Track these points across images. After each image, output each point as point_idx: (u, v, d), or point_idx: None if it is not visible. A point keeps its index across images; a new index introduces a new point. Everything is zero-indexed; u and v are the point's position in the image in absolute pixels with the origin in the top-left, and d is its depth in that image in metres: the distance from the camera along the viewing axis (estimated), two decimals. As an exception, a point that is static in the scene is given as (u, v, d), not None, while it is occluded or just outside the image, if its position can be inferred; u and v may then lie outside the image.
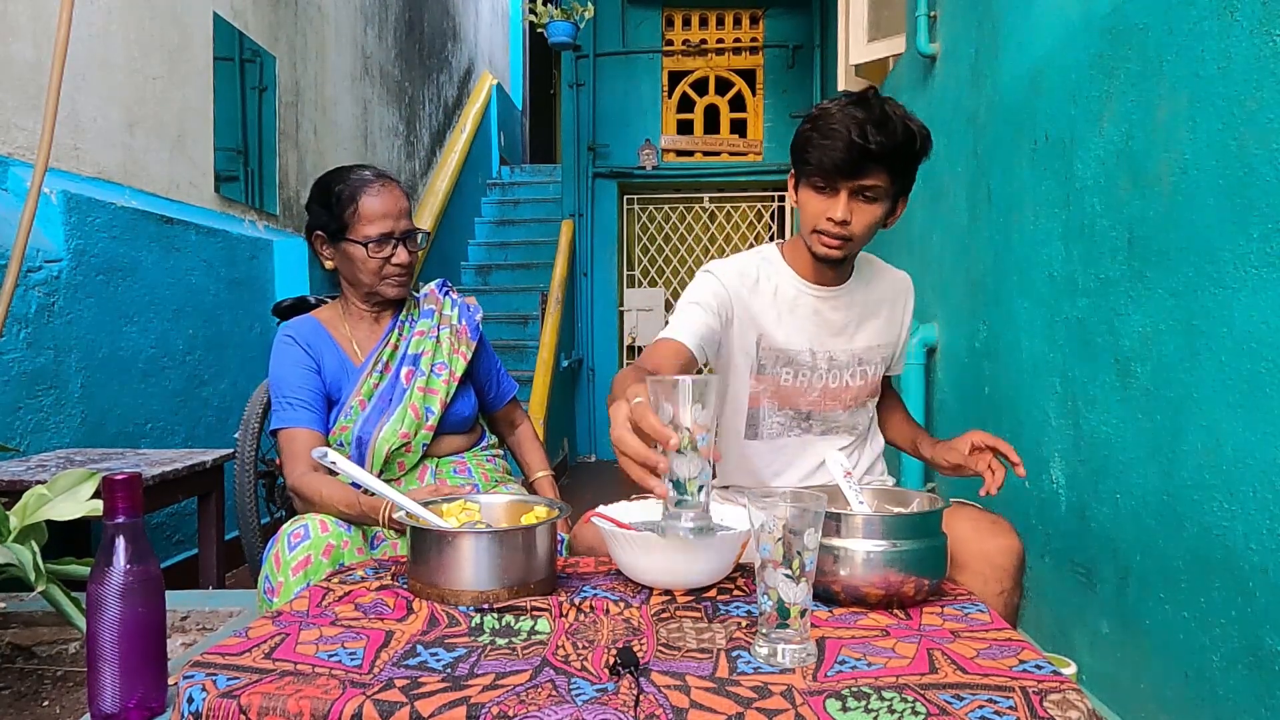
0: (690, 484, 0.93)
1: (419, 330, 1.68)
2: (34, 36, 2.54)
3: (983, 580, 1.29)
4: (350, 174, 1.63)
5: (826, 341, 1.55)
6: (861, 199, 1.40)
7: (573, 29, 5.73)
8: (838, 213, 1.40)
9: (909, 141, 1.37)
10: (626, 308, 6.45)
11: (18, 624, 1.56)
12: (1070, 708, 0.79)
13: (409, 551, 1.15)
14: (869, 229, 1.44)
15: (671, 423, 0.94)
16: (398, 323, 1.69)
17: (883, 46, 3.76)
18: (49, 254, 2.50)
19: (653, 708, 0.79)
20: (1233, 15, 1.44)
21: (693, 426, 0.92)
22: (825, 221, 1.42)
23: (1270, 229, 1.34)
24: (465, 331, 1.74)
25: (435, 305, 1.74)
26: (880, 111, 1.35)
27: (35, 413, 2.45)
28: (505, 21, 9.73)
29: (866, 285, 1.59)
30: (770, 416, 1.56)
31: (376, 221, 1.58)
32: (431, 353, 1.67)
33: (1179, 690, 1.61)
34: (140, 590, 0.96)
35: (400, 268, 1.62)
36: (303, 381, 1.59)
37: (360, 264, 1.60)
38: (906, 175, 1.43)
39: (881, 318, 1.60)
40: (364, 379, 1.62)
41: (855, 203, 1.40)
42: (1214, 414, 1.50)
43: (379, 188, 1.60)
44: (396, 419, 1.58)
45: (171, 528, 2.97)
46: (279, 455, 1.60)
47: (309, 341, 1.63)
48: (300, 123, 4.27)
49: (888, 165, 1.37)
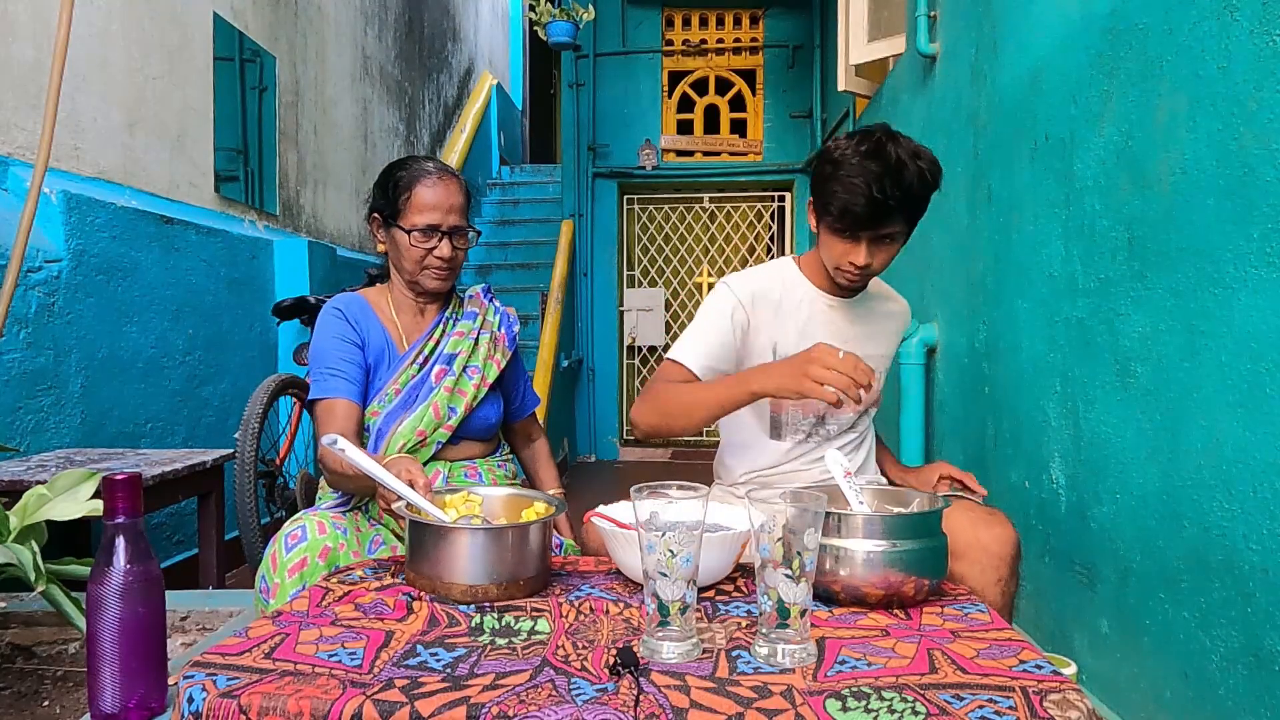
0: (673, 606, 0.92)
1: (459, 330, 1.71)
2: (34, 36, 2.54)
3: (980, 569, 1.33)
4: (414, 163, 1.67)
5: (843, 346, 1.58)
6: (881, 244, 1.49)
7: (573, 29, 5.72)
8: (860, 259, 1.48)
9: (923, 190, 1.44)
10: (626, 308, 6.45)
11: (18, 624, 1.56)
12: (1070, 708, 0.79)
13: (407, 541, 1.18)
14: (886, 265, 1.54)
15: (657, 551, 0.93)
16: (443, 319, 1.71)
17: (883, 46, 3.76)
18: (49, 254, 2.50)
19: (653, 708, 0.79)
20: (1233, 15, 1.44)
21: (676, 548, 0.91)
22: (847, 264, 1.50)
23: (1270, 229, 1.34)
24: (503, 339, 1.76)
25: (479, 309, 1.76)
26: (896, 160, 1.40)
27: (35, 413, 2.44)
28: (505, 21, 9.73)
29: (874, 300, 1.68)
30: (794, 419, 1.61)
31: (426, 212, 1.61)
32: (467, 354, 1.68)
33: (1179, 690, 1.61)
34: (140, 590, 0.96)
35: (442, 261, 1.63)
36: (346, 354, 1.60)
37: (404, 251, 1.63)
38: (921, 210, 1.50)
39: (882, 333, 1.68)
40: (405, 368, 1.63)
41: (875, 246, 1.48)
42: (1214, 414, 1.50)
43: (435, 180, 1.63)
44: (416, 417, 1.58)
45: (171, 528, 2.97)
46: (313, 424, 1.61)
47: (356, 318, 1.64)
48: (300, 123, 4.27)
49: (905, 212, 1.45)
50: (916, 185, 1.42)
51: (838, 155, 1.46)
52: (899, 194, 1.40)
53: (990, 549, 1.34)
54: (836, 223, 1.47)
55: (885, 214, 1.43)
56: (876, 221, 1.44)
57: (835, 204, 1.45)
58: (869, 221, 1.44)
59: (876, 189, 1.40)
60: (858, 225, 1.45)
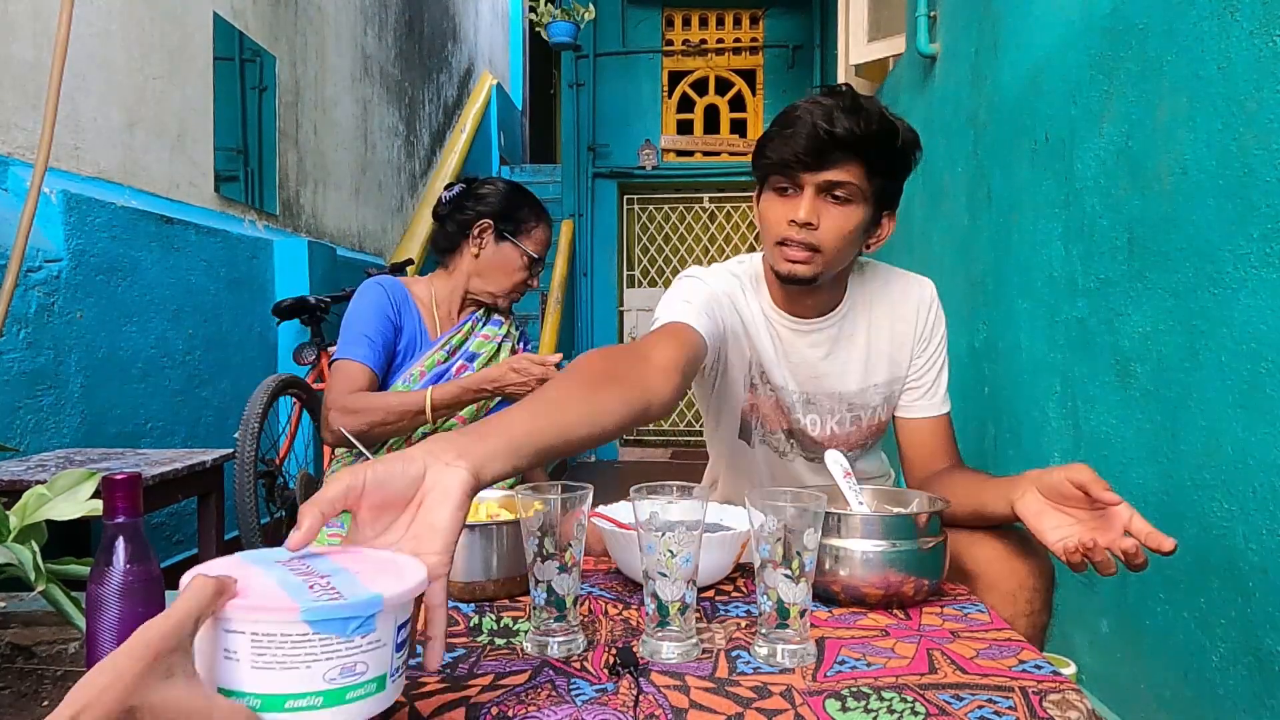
0: (673, 606, 0.92)
1: (485, 333, 1.82)
2: (34, 36, 2.54)
3: (1011, 600, 1.18)
4: (534, 198, 1.84)
5: (805, 381, 1.37)
6: (830, 199, 1.21)
7: (573, 29, 5.73)
8: (800, 212, 1.19)
9: (886, 134, 1.18)
10: (626, 308, 6.45)
11: (18, 624, 1.56)
12: (1070, 708, 0.79)
13: None
14: (841, 239, 1.22)
15: None
16: (474, 318, 1.82)
17: (883, 46, 3.76)
18: (49, 254, 2.50)
19: (652, 708, 0.79)
20: (1233, 16, 1.44)
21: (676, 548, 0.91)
22: (787, 226, 1.21)
23: (1270, 229, 1.34)
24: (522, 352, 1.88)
25: (505, 320, 1.88)
26: (852, 100, 1.17)
27: (35, 413, 2.44)
28: (505, 21, 9.73)
29: (863, 308, 1.37)
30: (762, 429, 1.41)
31: (542, 245, 1.81)
32: (489, 357, 1.80)
33: (1179, 690, 1.61)
34: (140, 590, 0.96)
35: (523, 289, 1.81)
36: (381, 327, 1.68)
37: (507, 266, 1.77)
38: (887, 177, 1.23)
39: (885, 345, 1.37)
40: (432, 353, 1.72)
41: (822, 203, 1.20)
42: (1214, 414, 1.50)
43: (548, 226, 1.84)
44: None
45: (171, 528, 2.97)
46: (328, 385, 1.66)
47: (396, 299, 1.72)
48: (300, 123, 4.27)
49: (860, 157, 1.18)
50: (877, 124, 1.16)
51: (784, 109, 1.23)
52: (849, 126, 1.15)
53: (1024, 581, 1.18)
54: (774, 169, 1.21)
55: (831, 149, 1.16)
56: (820, 159, 1.17)
57: (773, 146, 1.20)
58: (812, 158, 1.17)
59: (822, 117, 1.15)
60: (798, 164, 1.18)
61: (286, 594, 0.61)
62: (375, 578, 0.65)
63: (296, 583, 0.63)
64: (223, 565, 0.67)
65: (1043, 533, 1.07)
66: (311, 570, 0.66)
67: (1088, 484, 1.03)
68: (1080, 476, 1.04)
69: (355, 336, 1.66)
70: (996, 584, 1.18)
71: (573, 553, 0.93)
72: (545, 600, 0.93)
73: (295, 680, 0.60)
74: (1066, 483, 1.05)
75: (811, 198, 1.20)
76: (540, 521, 0.92)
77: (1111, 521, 1.03)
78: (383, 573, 0.66)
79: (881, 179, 1.22)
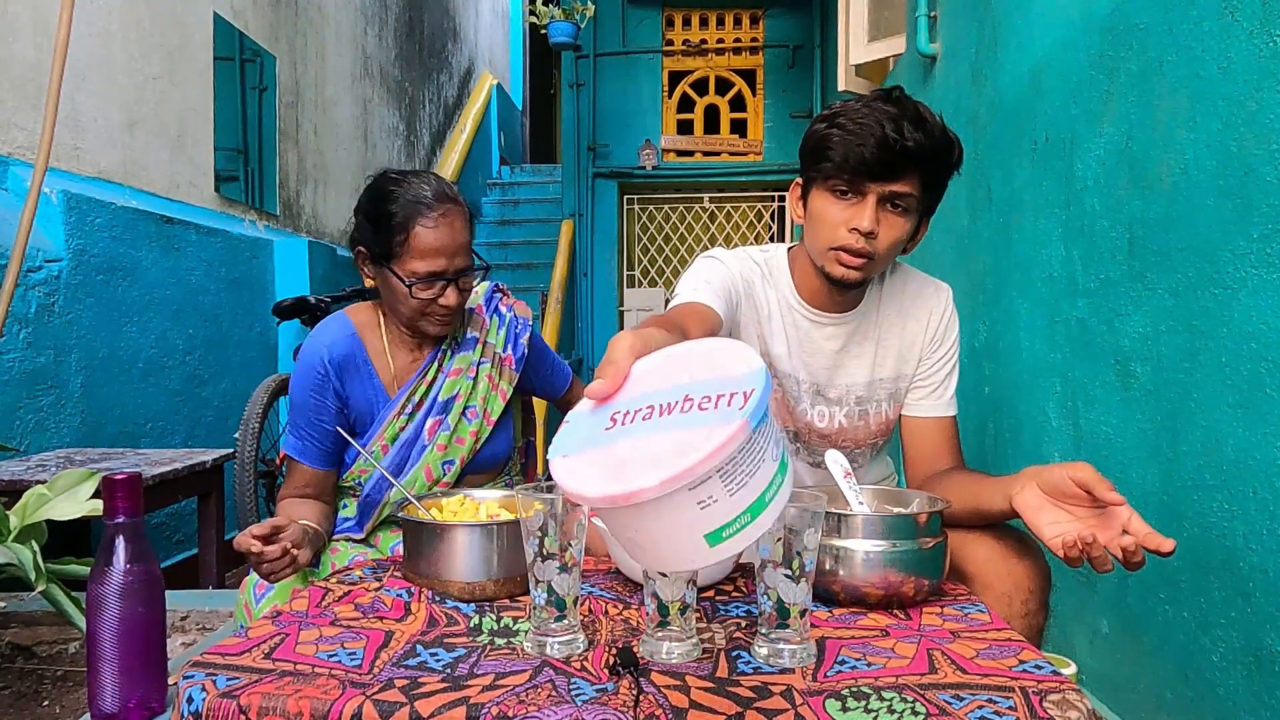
0: (673, 606, 0.92)
1: (455, 368, 1.49)
2: (34, 36, 2.54)
3: (1008, 601, 1.18)
4: (408, 190, 1.39)
5: (817, 372, 1.39)
6: (889, 208, 1.23)
7: (573, 29, 5.73)
8: (864, 221, 1.21)
9: (946, 147, 1.22)
10: (626, 308, 6.45)
11: (18, 624, 1.56)
12: (1070, 708, 0.79)
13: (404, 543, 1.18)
14: (892, 248, 1.26)
15: None
16: (438, 354, 1.49)
17: (883, 46, 3.75)
18: (49, 254, 2.50)
19: (652, 708, 0.79)
20: (1233, 16, 1.43)
21: None
22: (848, 234, 1.23)
23: (1270, 229, 1.34)
24: (510, 363, 1.54)
25: (479, 333, 1.53)
26: (915, 110, 1.20)
27: (35, 412, 2.44)
28: (505, 21, 9.74)
29: (881, 304, 1.40)
30: None
31: (428, 258, 1.36)
32: (465, 396, 1.48)
33: (1179, 690, 1.61)
34: (140, 590, 0.96)
35: (446, 309, 1.40)
36: (313, 416, 1.44)
37: (401, 299, 1.40)
38: (936, 189, 1.27)
39: (895, 342, 1.40)
40: (391, 419, 1.45)
41: (883, 212, 1.23)
42: (1214, 414, 1.50)
43: (438, 218, 1.36)
44: (407, 483, 1.44)
45: (171, 528, 2.97)
46: None
47: (341, 367, 1.44)
48: (300, 123, 4.27)
49: (921, 171, 1.21)
50: (939, 137, 1.19)
51: (839, 108, 1.23)
52: (919, 137, 1.17)
53: (1021, 582, 1.18)
54: (837, 174, 1.21)
55: (901, 162, 1.18)
56: (889, 170, 1.18)
57: (837, 150, 1.19)
58: (880, 168, 1.18)
59: (892, 129, 1.16)
60: (866, 172, 1.18)
61: (702, 425, 0.64)
62: (704, 369, 0.71)
63: (676, 419, 0.66)
64: None
65: (1040, 528, 1.07)
66: (653, 405, 0.69)
67: (1092, 483, 1.03)
68: (1083, 475, 1.04)
69: (294, 427, 1.44)
70: (992, 585, 1.19)
71: (573, 553, 0.93)
72: (545, 600, 0.93)
73: (762, 479, 0.65)
74: (1068, 480, 1.05)
75: (874, 206, 1.22)
76: (540, 521, 0.92)
77: (1110, 520, 1.03)
78: (697, 365, 0.72)
79: (933, 190, 1.26)
